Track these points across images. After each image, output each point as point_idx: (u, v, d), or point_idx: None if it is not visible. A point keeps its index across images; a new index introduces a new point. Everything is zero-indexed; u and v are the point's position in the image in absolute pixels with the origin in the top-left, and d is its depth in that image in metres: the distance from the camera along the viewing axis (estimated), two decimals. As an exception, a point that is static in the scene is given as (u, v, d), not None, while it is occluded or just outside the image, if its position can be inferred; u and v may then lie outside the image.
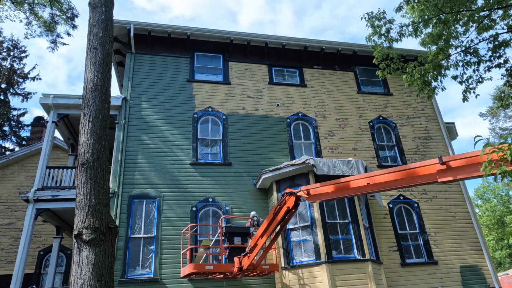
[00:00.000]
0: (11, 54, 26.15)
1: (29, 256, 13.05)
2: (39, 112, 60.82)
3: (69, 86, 73.31)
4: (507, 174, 3.61)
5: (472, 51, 9.84)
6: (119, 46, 13.04)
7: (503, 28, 9.72)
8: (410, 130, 13.81)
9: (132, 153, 11.01)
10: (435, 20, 9.44)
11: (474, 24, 9.54)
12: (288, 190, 5.62)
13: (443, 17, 9.35)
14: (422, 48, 10.46)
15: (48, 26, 14.58)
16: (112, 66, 8.00)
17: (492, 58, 9.93)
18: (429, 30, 9.80)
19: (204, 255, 8.84)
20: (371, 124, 13.50)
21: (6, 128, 26.06)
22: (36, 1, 14.27)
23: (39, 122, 18.78)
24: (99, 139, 6.54)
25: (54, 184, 10.95)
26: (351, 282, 8.97)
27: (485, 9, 9.04)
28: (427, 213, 12.17)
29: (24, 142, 25.44)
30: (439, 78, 9.81)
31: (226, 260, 8.95)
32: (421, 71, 9.57)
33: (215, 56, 13.46)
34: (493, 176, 3.91)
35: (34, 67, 26.59)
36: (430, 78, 9.82)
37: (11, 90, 25.91)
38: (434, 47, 9.76)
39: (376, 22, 9.46)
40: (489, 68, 9.96)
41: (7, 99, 25.83)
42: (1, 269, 14.03)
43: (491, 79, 10.10)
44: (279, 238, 9.85)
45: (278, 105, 12.97)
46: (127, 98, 11.74)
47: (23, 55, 26.54)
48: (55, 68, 69.52)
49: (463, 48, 9.88)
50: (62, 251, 14.01)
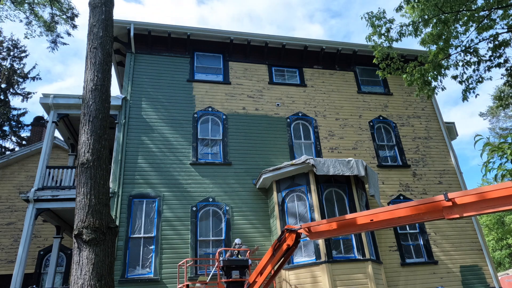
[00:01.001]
0: (11, 54, 26.17)
1: (29, 256, 13.06)
2: (39, 112, 60.88)
3: (69, 86, 73.29)
4: (507, 173, 3.62)
5: (472, 51, 9.84)
6: (119, 46, 13.04)
7: (503, 28, 9.72)
8: (410, 130, 13.81)
9: (132, 153, 11.01)
10: (435, 20, 9.44)
11: (474, 24, 9.55)
12: (288, 227, 5.38)
13: (443, 16, 9.35)
14: (422, 48, 10.46)
15: (48, 26, 14.58)
16: (112, 66, 8.00)
17: (492, 58, 9.94)
18: (429, 29, 9.81)
19: None
20: (371, 124, 13.50)
21: (6, 128, 26.07)
22: (36, 1, 14.27)
23: (39, 122, 18.78)
24: (99, 139, 6.53)
25: (54, 184, 10.95)
26: (351, 282, 8.97)
27: (485, 8, 9.04)
28: (427, 213, 12.15)
29: (24, 142, 25.43)
30: (439, 77, 9.82)
31: None
32: (421, 70, 9.58)
33: (215, 56, 13.46)
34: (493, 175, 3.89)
35: (34, 67, 26.62)
36: (430, 78, 9.82)
37: (11, 90, 25.92)
38: (434, 47, 9.76)
39: (376, 22, 9.46)
40: (489, 68, 9.97)
41: (7, 99, 25.83)
42: (1, 269, 14.03)
43: (491, 78, 10.10)
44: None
45: (278, 105, 12.97)
46: (127, 98, 11.75)
47: (23, 55, 26.56)
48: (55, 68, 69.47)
49: (463, 48, 9.88)
50: (62, 251, 14.01)
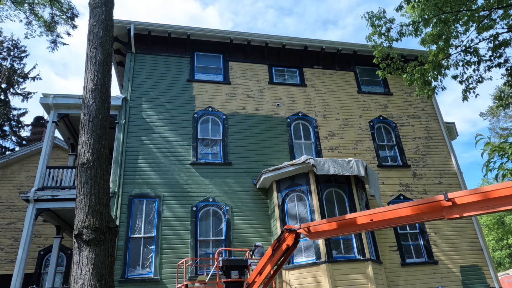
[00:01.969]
0: (11, 54, 26.17)
1: (29, 256, 13.05)
2: (39, 112, 60.88)
3: (69, 85, 73.30)
4: (508, 173, 3.61)
5: (472, 50, 9.84)
6: (119, 46, 13.03)
7: (503, 28, 9.72)
8: (410, 130, 13.80)
9: (132, 153, 11.01)
10: (435, 20, 9.44)
11: (474, 24, 9.55)
12: (287, 227, 5.33)
13: (443, 16, 9.35)
14: (422, 48, 10.46)
15: (48, 26, 14.57)
16: (112, 66, 8.00)
17: (492, 58, 9.93)
18: (429, 29, 9.81)
19: None
20: (371, 124, 13.50)
21: (6, 128, 26.06)
22: (36, 1, 14.27)
23: (39, 122, 18.78)
24: (99, 139, 6.53)
25: (54, 184, 10.95)
26: (351, 282, 8.97)
27: (485, 8, 9.04)
28: (427, 213, 12.15)
29: (24, 142, 25.43)
30: (439, 77, 9.82)
31: None
32: (421, 70, 9.57)
33: (215, 56, 13.46)
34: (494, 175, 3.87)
35: (34, 67, 26.62)
36: (430, 78, 9.82)
37: (11, 90, 25.92)
38: (434, 47, 9.76)
39: (376, 22, 9.46)
40: (489, 68, 9.97)
41: (7, 99, 25.83)
42: (1, 269, 14.03)
43: (491, 78, 10.10)
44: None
45: (278, 105, 12.97)
46: (127, 98, 11.74)
47: (23, 55, 26.56)
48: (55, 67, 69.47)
49: (463, 48, 9.88)
50: (62, 251, 14.01)
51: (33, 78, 26.36)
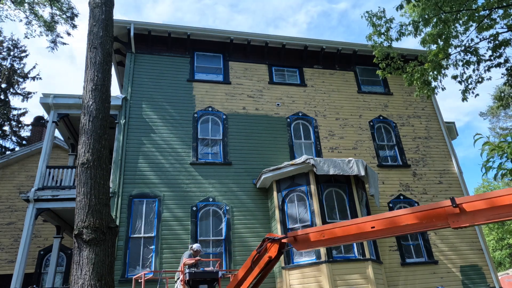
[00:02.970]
0: (11, 54, 26.17)
1: (29, 255, 13.06)
2: (39, 112, 60.90)
3: (69, 85, 73.29)
4: (507, 173, 3.61)
5: (472, 50, 9.84)
6: (119, 45, 13.04)
7: (503, 28, 9.72)
8: (410, 130, 13.80)
9: (132, 152, 11.01)
10: (435, 19, 9.44)
11: (474, 24, 9.55)
12: (269, 236, 4.49)
13: (443, 16, 9.35)
14: (422, 48, 10.45)
15: (48, 26, 14.58)
16: (112, 66, 8.00)
17: (492, 58, 9.93)
18: (429, 29, 9.80)
19: None
20: (371, 123, 13.50)
21: (6, 128, 26.07)
22: (36, 0, 14.27)
23: (39, 122, 18.78)
24: (99, 139, 6.54)
25: (54, 183, 10.95)
26: (351, 281, 8.98)
27: (485, 8, 9.04)
28: (427, 212, 12.14)
29: (24, 142, 25.44)
30: (439, 77, 9.82)
31: None
32: (421, 70, 9.57)
33: (215, 55, 13.46)
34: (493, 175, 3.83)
35: (34, 67, 26.62)
36: (430, 78, 9.82)
37: (11, 90, 25.92)
38: (434, 46, 9.76)
39: (377, 21, 9.46)
40: (489, 68, 9.97)
41: (7, 99, 25.83)
42: (1, 268, 14.03)
43: (490, 78, 10.10)
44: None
45: (278, 104, 12.97)
46: (127, 98, 11.75)
47: (23, 54, 26.56)
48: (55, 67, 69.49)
49: (463, 48, 9.88)
50: (62, 251, 14.02)
51: (33, 78, 26.37)
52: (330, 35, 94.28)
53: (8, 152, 23.90)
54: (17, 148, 25.19)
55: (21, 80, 26.09)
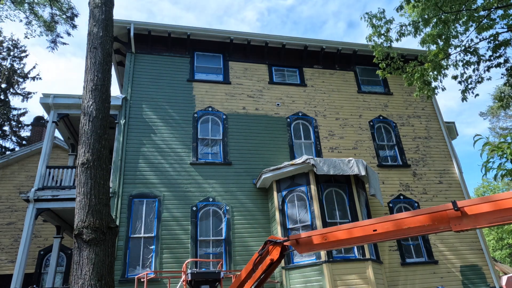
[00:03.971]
0: (11, 54, 26.17)
1: (29, 255, 13.06)
2: (39, 112, 60.90)
3: (69, 85, 73.25)
4: (507, 173, 3.61)
5: (472, 50, 9.84)
6: (119, 45, 13.04)
7: (503, 28, 9.72)
8: (410, 130, 13.81)
9: (132, 152, 11.01)
10: (435, 20, 9.45)
11: (474, 24, 9.55)
12: (271, 238, 4.56)
13: (443, 16, 9.36)
14: (422, 48, 10.46)
15: (48, 26, 14.58)
16: (112, 66, 8.01)
17: (492, 58, 9.93)
18: (429, 29, 9.81)
19: None
20: (371, 123, 13.50)
21: (6, 128, 26.07)
22: (36, 0, 14.27)
23: (39, 122, 18.79)
24: (99, 139, 6.54)
25: (54, 184, 10.95)
26: (351, 281, 8.98)
27: (485, 8, 9.04)
28: (427, 212, 12.14)
29: (24, 142, 25.44)
30: (439, 77, 9.82)
31: None
32: (421, 70, 9.58)
33: (215, 55, 13.46)
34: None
35: (34, 67, 26.62)
36: (430, 78, 9.83)
37: (11, 90, 25.92)
38: (433, 47, 9.77)
39: (377, 22, 9.47)
40: (488, 68, 9.97)
41: (7, 99, 25.84)
42: (1, 268, 14.04)
43: (490, 79, 10.10)
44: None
45: (278, 104, 12.97)
46: (127, 98, 11.75)
47: (23, 55, 26.56)
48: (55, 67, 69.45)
49: (463, 48, 9.88)
50: (62, 251, 14.02)
51: (33, 78, 26.37)
52: (281, 31, 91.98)
53: (8, 152, 23.91)
54: (17, 148, 25.20)
55: (21, 80, 26.09)
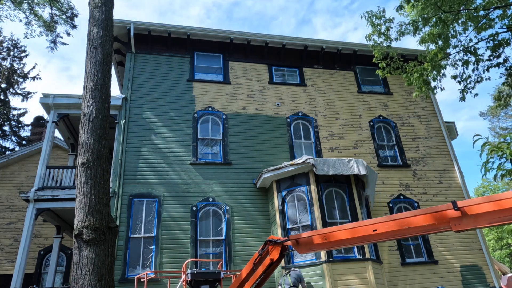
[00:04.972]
0: (11, 54, 26.17)
1: (29, 255, 13.06)
2: (39, 112, 60.85)
3: (69, 85, 73.25)
4: (507, 173, 3.61)
5: (471, 50, 9.84)
6: (119, 45, 13.04)
7: (502, 27, 9.72)
8: (410, 130, 13.81)
9: (132, 152, 11.01)
10: (434, 19, 9.44)
11: (473, 24, 9.55)
12: (271, 238, 4.57)
13: (443, 16, 9.36)
14: (422, 48, 10.46)
15: (48, 26, 14.58)
16: (112, 66, 8.01)
17: (491, 58, 9.93)
18: (428, 29, 9.81)
19: None
20: (371, 123, 13.50)
21: (6, 128, 26.07)
22: (35, 0, 14.27)
23: (39, 122, 18.80)
24: (99, 138, 6.54)
25: (54, 183, 10.96)
26: (351, 281, 8.98)
27: (484, 8, 9.04)
28: (427, 212, 12.15)
29: (24, 142, 25.45)
30: (438, 77, 9.82)
31: None
32: (421, 70, 9.58)
33: (215, 55, 13.47)
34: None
35: (34, 67, 26.63)
36: (429, 78, 9.83)
37: (11, 90, 25.93)
38: (433, 46, 9.77)
39: (376, 21, 9.47)
40: (488, 68, 9.97)
41: (7, 99, 25.84)
42: (1, 268, 14.04)
43: (489, 78, 10.10)
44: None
45: (278, 104, 12.98)
46: (127, 98, 11.75)
47: (23, 54, 26.57)
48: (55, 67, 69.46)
49: (462, 48, 9.88)
50: (62, 251, 14.03)
51: (33, 78, 26.37)
52: (229, 27, 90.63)
53: (8, 152, 23.91)
54: (17, 148, 25.21)
55: (21, 80, 26.09)
